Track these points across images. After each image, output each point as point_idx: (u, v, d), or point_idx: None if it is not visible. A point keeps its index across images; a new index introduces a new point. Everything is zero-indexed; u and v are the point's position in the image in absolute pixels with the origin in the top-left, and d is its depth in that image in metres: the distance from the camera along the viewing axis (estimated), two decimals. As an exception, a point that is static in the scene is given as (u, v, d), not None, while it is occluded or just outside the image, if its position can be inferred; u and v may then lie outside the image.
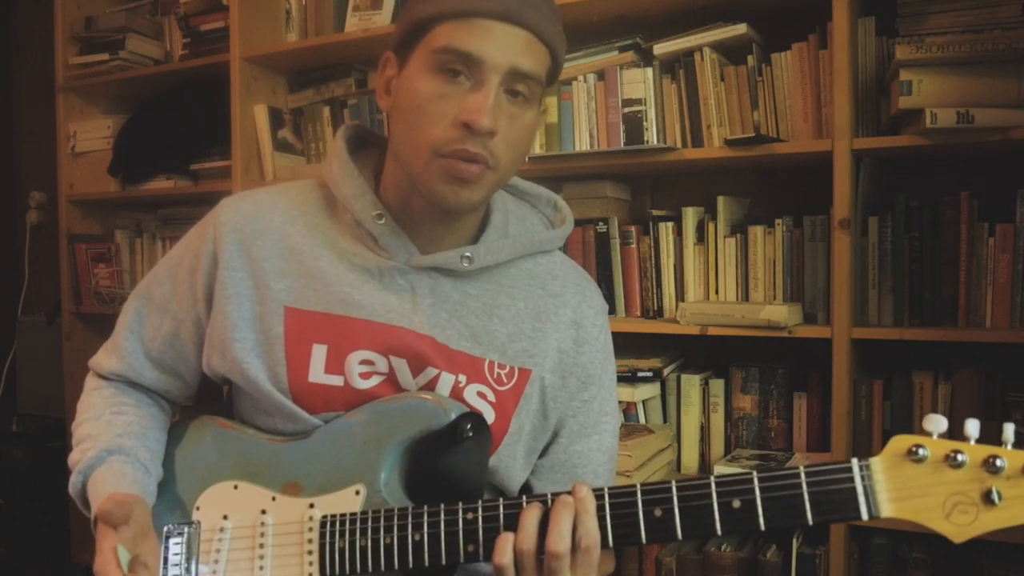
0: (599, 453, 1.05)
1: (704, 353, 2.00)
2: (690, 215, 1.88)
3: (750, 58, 1.80)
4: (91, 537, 0.94)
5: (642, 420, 1.91)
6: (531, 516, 0.81)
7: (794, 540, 1.72)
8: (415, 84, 0.90)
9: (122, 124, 2.58)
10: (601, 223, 1.95)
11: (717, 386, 1.87)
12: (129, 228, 2.75)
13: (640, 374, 1.87)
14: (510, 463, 1.00)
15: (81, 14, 2.61)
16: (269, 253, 0.99)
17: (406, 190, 0.96)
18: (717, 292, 1.86)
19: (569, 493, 0.82)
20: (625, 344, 1.93)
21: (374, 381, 0.96)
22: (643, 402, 1.91)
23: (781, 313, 1.66)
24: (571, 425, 1.04)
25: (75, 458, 1.01)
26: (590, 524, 0.80)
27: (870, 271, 1.69)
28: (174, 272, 1.06)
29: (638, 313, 1.93)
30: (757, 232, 1.81)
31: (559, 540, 0.79)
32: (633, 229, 1.93)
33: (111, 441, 1.00)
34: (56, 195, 2.69)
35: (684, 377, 1.89)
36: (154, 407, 1.09)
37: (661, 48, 1.85)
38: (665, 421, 1.93)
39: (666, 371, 1.89)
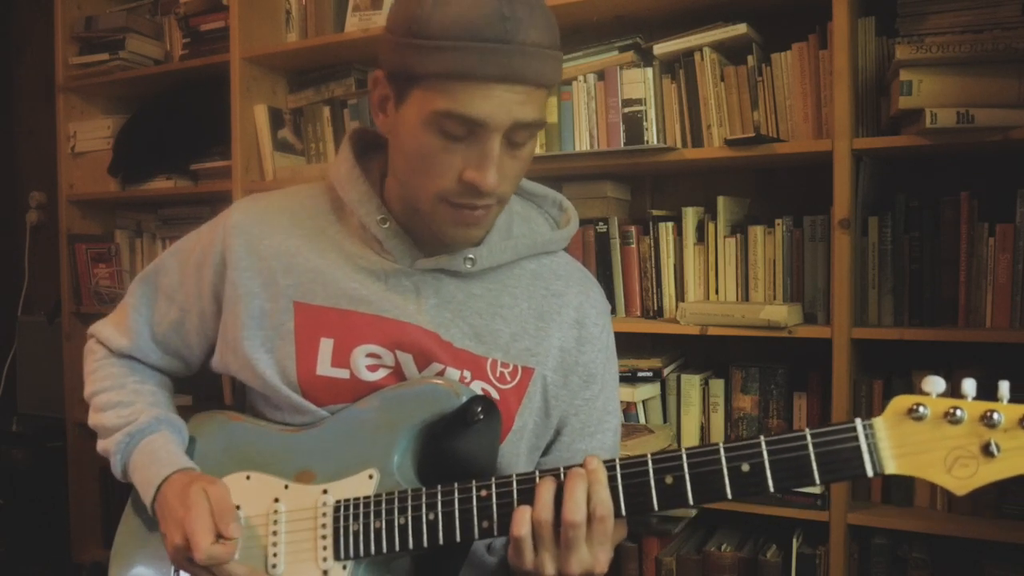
0: (602, 452, 1.06)
1: (704, 353, 2.00)
2: (690, 215, 1.88)
3: (750, 58, 1.80)
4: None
5: (642, 420, 1.91)
6: (546, 488, 0.83)
7: (794, 540, 1.72)
8: (416, 136, 0.89)
9: (122, 124, 2.58)
10: (601, 223, 1.95)
11: (717, 386, 1.87)
12: (129, 228, 2.75)
13: (640, 374, 1.87)
14: (513, 460, 1.01)
15: (81, 14, 2.61)
16: (276, 251, 1.01)
17: (408, 201, 0.97)
18: (717, 292, 1.86)
19: (580, 466, 0.84)
20: (625, 344, 1.92)
21: (381, 374, 0.98)
22: (643, 402, 1.91)
23: (781, 313, 1.66)
24: (573, 424, 1.05)
25: (112, 422, 1.04)
26: (603, 494, 0.82)
27: (870, 271, 1.69)
28: (183, 264, 1.08)
29: (638, 313, 1.93)
30: (757, 232, 1.81)
31: (575, 510, 0.81)
32: (633, 229, 1.93)
33: (151, 410, 1.04)
34: (56, 195, 2.69)
35: (684, 377, 1.89)
36: (160, 376, 1.14)
37: (661, 48, 1.85)
38: (665, 421, 1.93)
39: (666, 371, 1.89)
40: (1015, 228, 1.58)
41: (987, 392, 0.74)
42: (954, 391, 0.75)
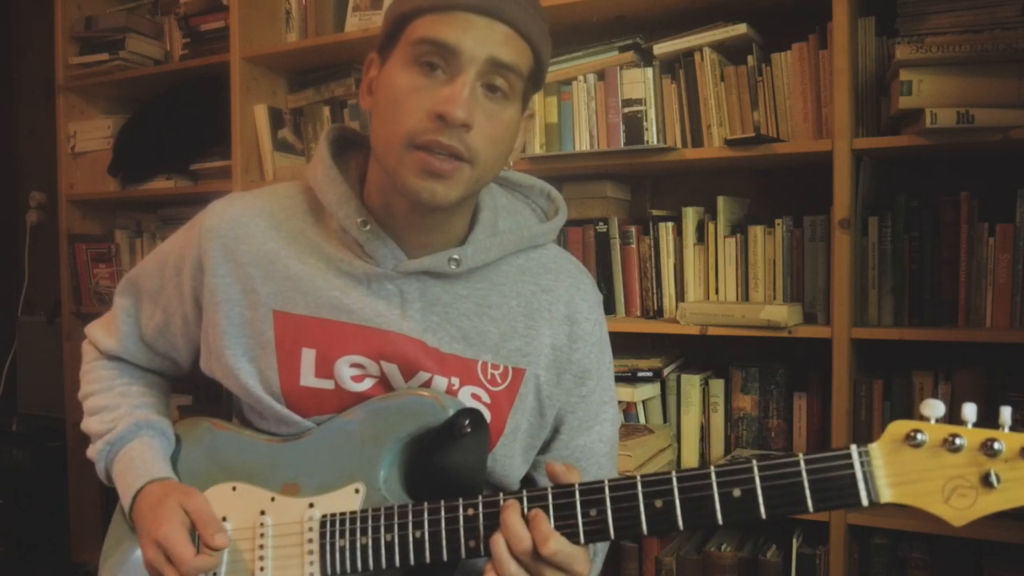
0: (601, 444, 1.06)
1: (704, 353, 2.00)
2: (690, 215, 1.88)
3: (750, 58, 1.80)
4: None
5: (642, 420, 1.91)
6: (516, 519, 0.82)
7: (794, 540, 1.72)
8: (393, 78, 0.89)
9: (122, 124, 2.58)
10: (601, 223, 1.95)
11: (717, 386, 1.87)
12: (129, 228, 2.75)
13: (640, 374, 1.87)
14: (507, 462, 1.00)
15: (81, 14, 2.61)
16: (253, 258, 0.98)
17: (387, 191, 0.94)
18: (717, 292, 1.86)
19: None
20: (625, 344, 1.93)
21: (367, 384, 0.96)
22: (643, 402, 1.91)
23: (781, 313, 1.66)
24: (570, 421, 1.04)
25: (96, 428, 1.05)
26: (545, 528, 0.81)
27: (870, 271, 1.69)
28: (162, 268, 1.07)
29: (638, 313, 1.93)
30: (757, 232, 1.81)
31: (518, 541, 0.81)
32: (633, 229, 1.93)
33: (134, 414, 1.04)
34: (56, 195, 2.69)
35: (684, 377, 1.89)
36: (151, 376, 1.14)
37: (661, 48, 1.85)
38: (665, 421, 1.93)
39: (666, 371, 1.89)
40: (1015, 228, 1.58)
41: (986, 391, 0.72)
42: (954, 406, 0.73)
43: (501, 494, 0.85)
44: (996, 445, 0.69)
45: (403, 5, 0.89)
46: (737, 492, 0.76)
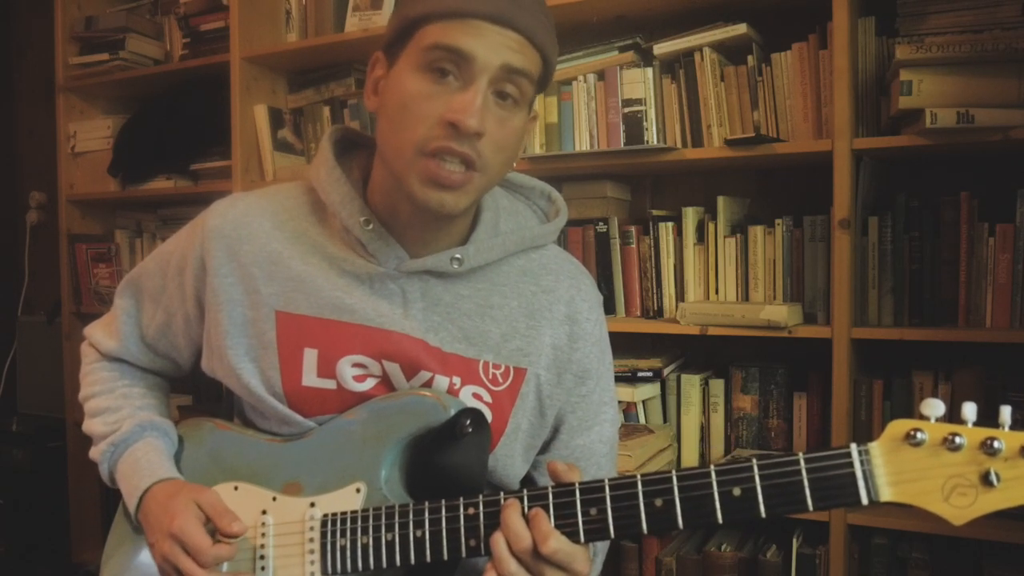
0: (601, 444, 1.06)
1: (704, 353, 2.00)
2: (690, 215, 1.88)
3: (750, 58, 1.80)
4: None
5: (642, 420, 1.91)
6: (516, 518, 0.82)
7: (794, 540, 1.72)
8: (402, 83, 0.88)
9: (122, 124, 2.58)
10: (601, 223, 1.95)
11: (717, 386, 1.87)
12: (129, 228, 2.75)
13: (640, 374, 1.87)
14: (508, 462, 1.00)
15: (81, 14, 2.62)
16: (256, 258, 0.98)
17: (392, 193, 0.94)
18: (717, 292, 1.86)
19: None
20: (625, 344, 1.93)
21: (369, 384, 0.97)
22: (643, 402, 1.91)
23: (781, 313, 1.66)
24: (571, 421, 1.04)
25: (99, 430, 1.06)
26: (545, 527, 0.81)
27: (870, 271, 1.69)
28: (164, 268, 1.07)
29: (638, 313, 1.93)
30: (757, 232, 1.81)
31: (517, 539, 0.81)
32: (633, 229, 1.93)
33: (137, 415, 1.05)
34: (56, 195, 2.69)
35: (684, 377, 1.89)
36: (152, 377, 1.15)
37: (661, 48, 1.85)
38: (665, 421, 1.93)
39: (666, 371, 1.89)
40: (1015, 228, 1.58)
41: (986, 391, 0.72)
42: (954, 406, 0.73)
43: (501, 493, 0.85)
44: (996, 444, 0.69)
45: (414, 9, 0.88)
46: (737, 491, 0.77)
